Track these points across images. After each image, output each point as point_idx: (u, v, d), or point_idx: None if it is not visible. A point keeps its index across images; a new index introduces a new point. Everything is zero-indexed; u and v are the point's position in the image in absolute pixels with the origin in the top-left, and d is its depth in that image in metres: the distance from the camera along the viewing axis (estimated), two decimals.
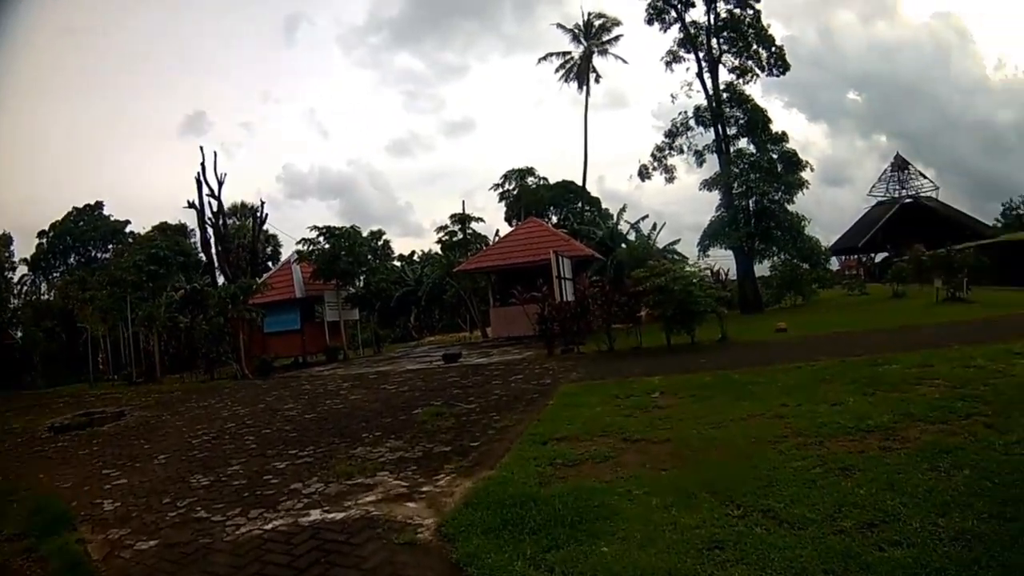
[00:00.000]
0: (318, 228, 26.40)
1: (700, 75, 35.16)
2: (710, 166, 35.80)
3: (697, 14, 35.50)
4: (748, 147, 34.87)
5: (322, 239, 26.23)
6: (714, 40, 34.92)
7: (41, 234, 58.60)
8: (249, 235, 40.11)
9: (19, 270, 53.16)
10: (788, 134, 34.63)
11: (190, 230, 50.38)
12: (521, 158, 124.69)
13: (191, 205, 35.04)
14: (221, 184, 34.95)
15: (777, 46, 35.01)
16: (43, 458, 10.39)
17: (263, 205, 40.56)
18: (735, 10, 34.75)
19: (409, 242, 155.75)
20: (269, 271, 33.47)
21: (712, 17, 34.83)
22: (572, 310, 19.06)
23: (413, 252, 56.39)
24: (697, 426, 7.34)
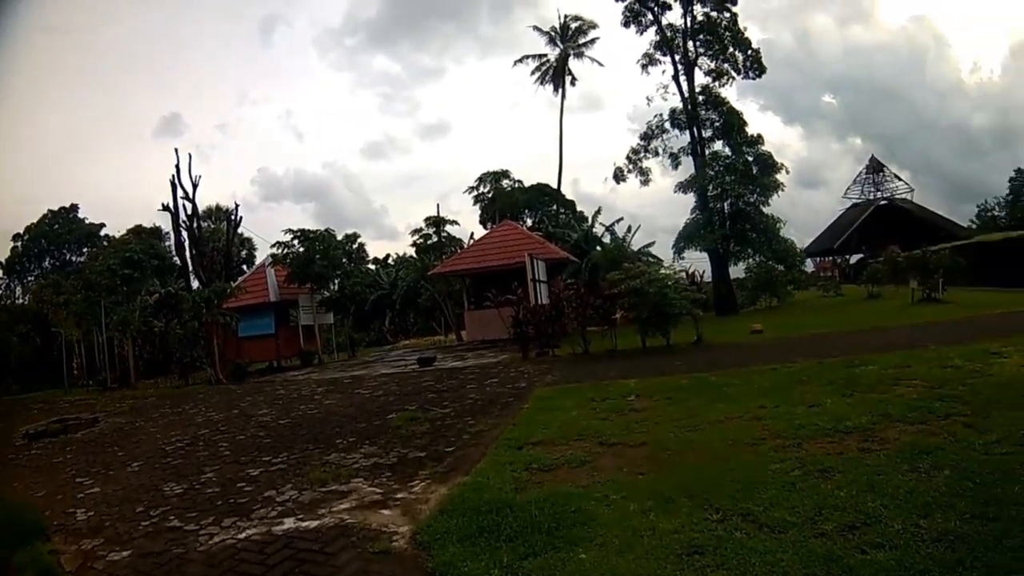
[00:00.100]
0: (292, 231, 26.34)
1: (676, 78, 35.51)
2: (685, 169, 36.22)
3: (674, 17, 35.88)
4: (724, 150, 35.34)
5: (296, 242, 26.14)
6: (690, 43, 35.23)
7: (16, 237, 58.07)
8: (224, 238, 39.64)
9: None
10: (763, 137, 35.21)
11: (165, 233, 49.66)
12: (496, 161, 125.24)
13: (165, 208, 34.52)
14: (195, 187, 34.47)
15: (753, 49, 35.47)
16: (17, 466, 10.22)
17: (237, 208, 40.15)
18: (712, 13, 35.08)
19: (384, 245, 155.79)
20: (244, 275, 33.33)
21: (689, 20, 35.16)
22: (547, 313, 19.02)
23: (388, 255, 56.38)
24: (674, 429, 7.31)
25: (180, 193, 34.08)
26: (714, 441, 6.63)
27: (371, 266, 51.28)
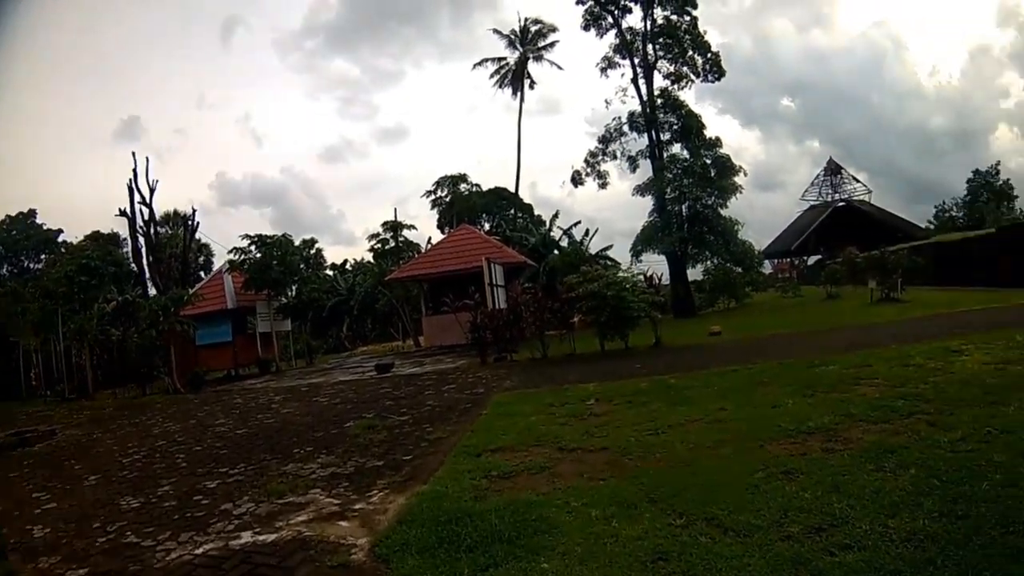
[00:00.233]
0: (250, 237, 25.88)
1: (635, 81, 35.80)
2: (643, 172, 36.54)
3: (634, 20, 36.23)
4: (682, 152, 35.73)
5: (253, 248, 25.68)
6: (650, 46, 35.58)
7: None
8: (181, 244, 38.98)
9: None
10: (722, 139, 35.75)
11: (122, 239, 48.55)
12: (454, 165, 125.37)
13: (122, 213, 33.97)
14: (153, 191, 34.00)
15: (713, 52, 35.91)
16: None
17: (194, 213, 39.56)
18: (672, 16, 35.49)
19: (341, 251, 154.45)
20: (201, 281, 32.60)
21: (649, 23, 35.50)
22: (505, 317, 18.92)
23: (346, 261, 55.53)
24: (634, 433, 7.28)
25: (137, 198, 33.85)
26: (675, 444, 6.59)
27: (329, 272, 50.65)
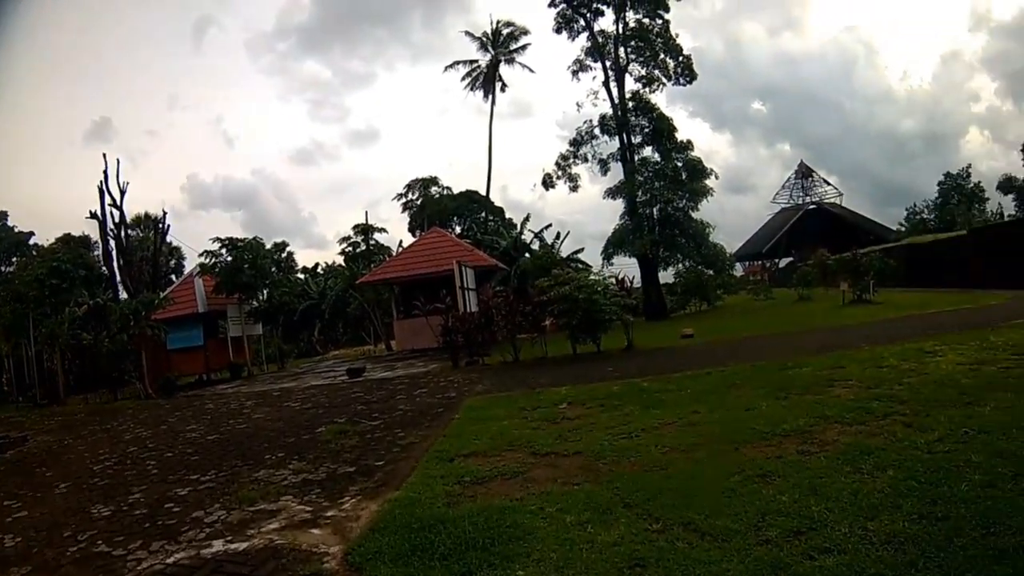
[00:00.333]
0: (221, 240, 25.97)
1: (607, 84, 36.00)
2: (614, 175, 36.82)
3: (606, 23, 36.51)
4: (653, 155, 35.94)
5: (224, 251, 25.77)
6: (622, 49, 35.83)
7: None
8: (152, 247, 38.57)
9: None
10: (693, 143, 35.96)
11: (93, 242, 48.07)
12: (426, 168, 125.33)
13: (93, 215, 33.77)
14: (123, 193, 33.80)
15: (685, 55, 36.27)
16: None
17: (165, 216, 39.60)
18: (644, 20, 35.79)
19: (313, 254, 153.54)
20: (172, 285, 32.61)
21: (621, 26, 35.75)
22: (476, 321, 18.89)
23: (317, 264, 55.20)
24: (608, 437, 7.24)
25: (108, 200, 33.63)
26: (650, 448, 6.55)
27: (300, 275, 50.28)
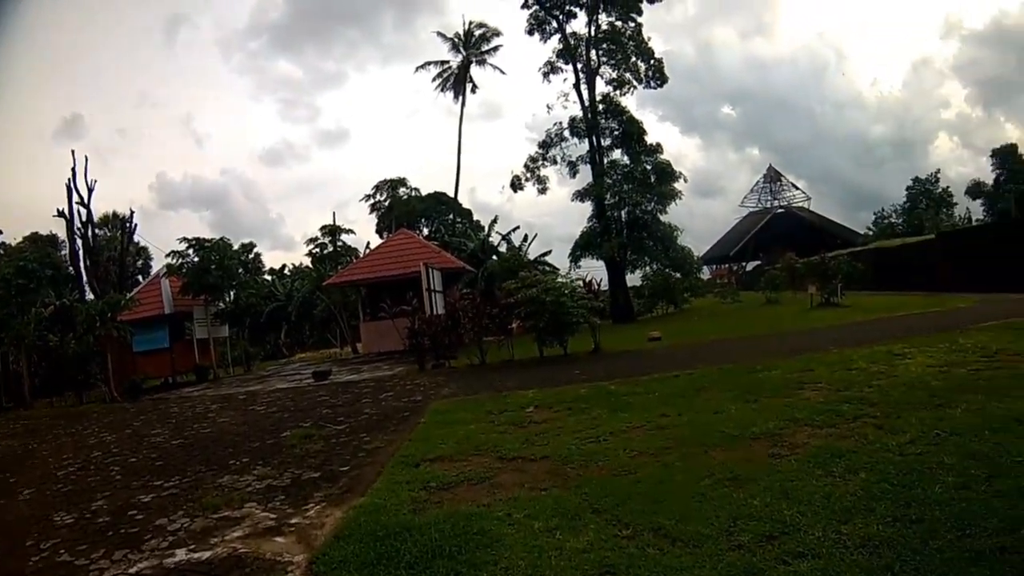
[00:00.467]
0: (188, 240, 25.67)
1: (577, 86, 36.11)
2: (583, 177, 36.89)
3: (578, 25, 36.59)
4: (622, 158, 36.24)
5: (192, 252, 25.46)
6: (594, 51, 35.95)
7: None
8: (119, 247, 37.99)
9: None
10: (662, 146, 36.21)
11: (61, 241, 47.50)
12: (394, 169, 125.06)
13: (60, 214, 33.49)
14: (91, 191, 33.72)
15: (656, 59, 36.54)
16: None
17: (132, 215, 39.67)
18: (617, 22, 35.99)
19: (280, 255, 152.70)
20: (139, 285, 32.10)
21: (593, 28, 35.88)
22: (443, 323, 18.76)
23: (284, 266, 54.78)
24: (575, 441, 7.19)
25: (76, 198, 33.49)
26: (618, 452, 6.51)
27: (267, 277, 49.90)
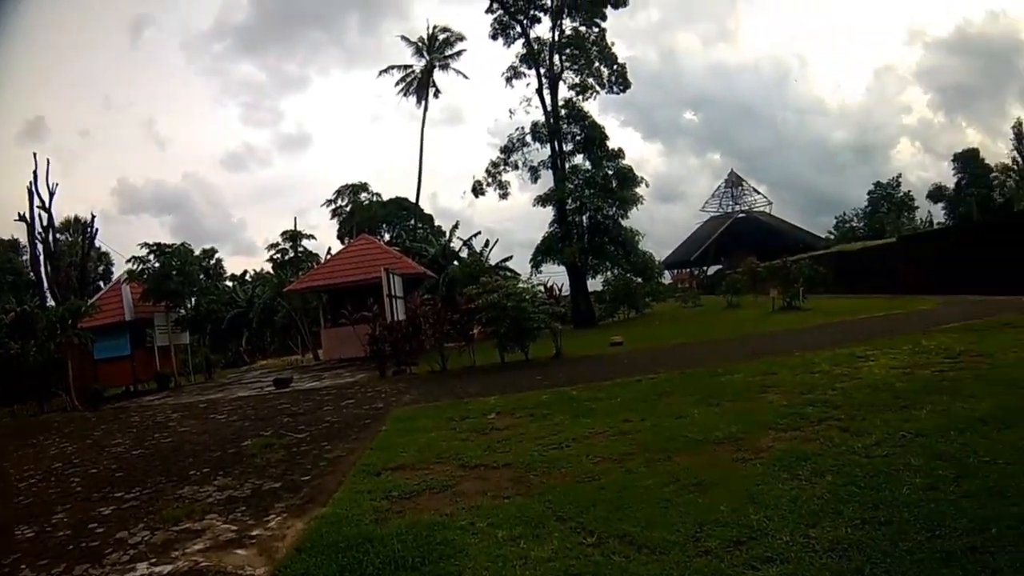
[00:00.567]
0: (148, 245, 25.47)
1: (540, 91, 36.22)
2: (544, 182, 37.05)
3: (542, 30, 36.80)
4: (584, 163, 36.49)
5: (152, 257, 25.27)
6: (557, 56, 36.19)
7: None
8: (80, 252, 37.39)
9: None
10: (624, 151, 36.51)
11: (22, 246, 46.11)
12: (356, 174, 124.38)
13: (21, 218, 32.98)
14: (52, 195, 33.18)
15: (619, 64, 36.87)
16: None
17: (93, 219, 39.12)
18: (581, 28, 36.30)
19: (242, 261, 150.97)
20: (100, 291, 31.45)
21: (557, 33, 36.10)
22: (404, 330, 18.61)
23: (245, 271, 54.07)
24: (538, 448, 7.14)
25: (37, 202, 32.99)
26: (581, 459, 6.47)
27: (228, 283, 49.17)
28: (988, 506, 4.01)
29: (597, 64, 36.23)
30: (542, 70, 36.11)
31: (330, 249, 45.51)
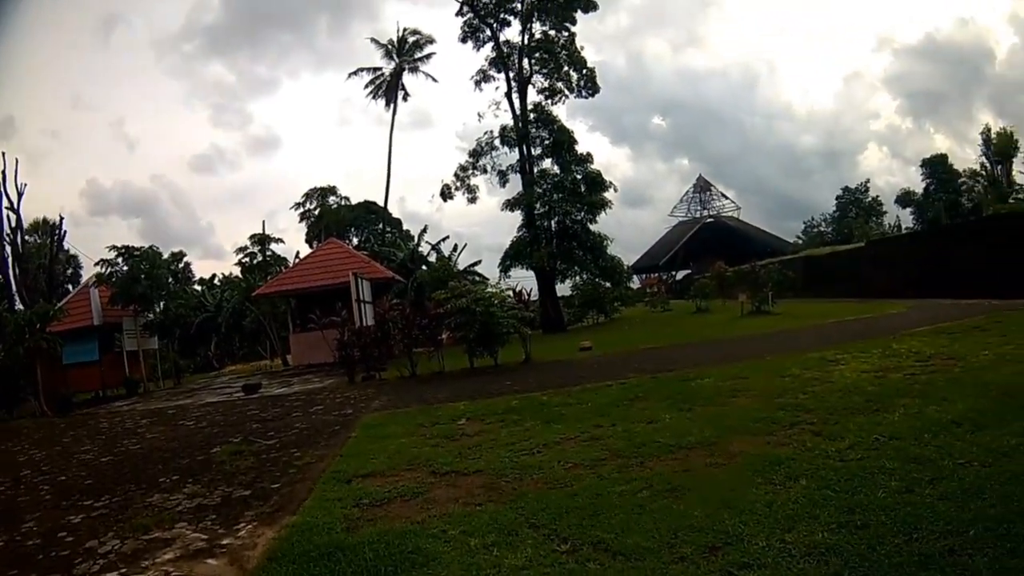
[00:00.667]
0: (117, 248, 24.98)
1: (509, 95, 36.31)
2: (513, 186, 37.12)
3: (512, 33, 36.87)
4: (552, 167, 36.52)
5: (121, 260, 24.81)
6: (526, 60, 36.33)
7: None
8: (48, 254, 36.89)
9: None
10: (593, 155, 36.73)
11: None
12: (325, 177, 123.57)
13: None
14: (20, 196, 32.40)
15: (588, 68, 37.04)
16: None
17: (62, 221, 38.07)
18: (550, 31, 36.41)
19: (211, 265, 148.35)
20: (68, 295, 31.09)
21: (527, 37, 36.23)
22: (372, 335, 18.55)
23: (214, 275, 53.31)
24: (509, 454, 7.09)
25: (5, 203, 32.23)
26: (553, 465, 6.43)
27: (197, 287, 48.56)
28: (965, 508, 4.04)
29: (566, 68, 36.43)
30: (511, 74, 36.23)
31: (298, 253, 45.59)
